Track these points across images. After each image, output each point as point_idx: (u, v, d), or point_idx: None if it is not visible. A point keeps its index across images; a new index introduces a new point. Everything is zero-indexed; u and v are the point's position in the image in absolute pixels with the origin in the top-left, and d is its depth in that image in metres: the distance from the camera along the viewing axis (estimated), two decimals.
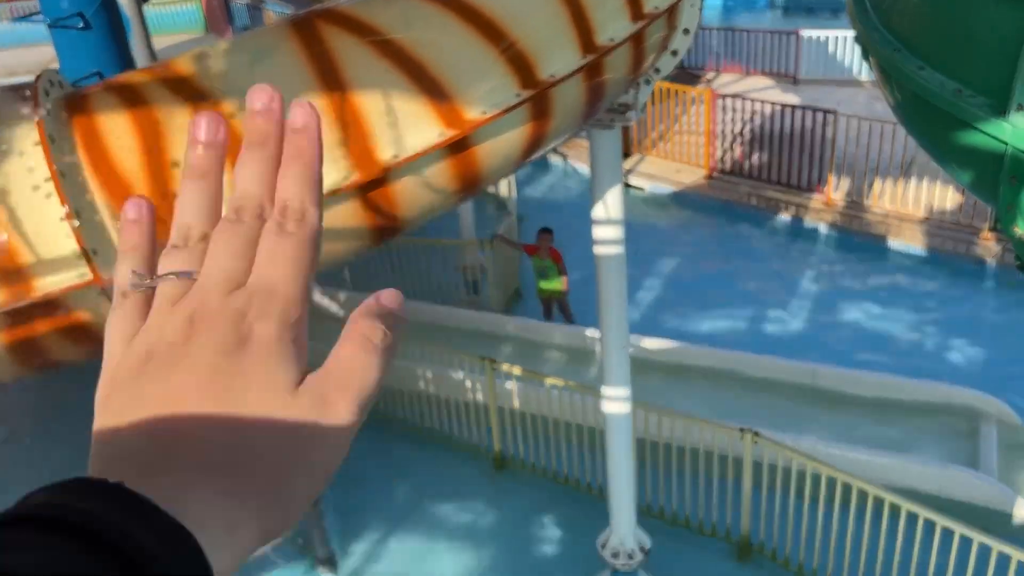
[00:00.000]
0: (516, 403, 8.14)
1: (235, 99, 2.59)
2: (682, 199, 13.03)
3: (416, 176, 3.04)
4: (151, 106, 2.53)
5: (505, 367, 7.79)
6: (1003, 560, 5.54)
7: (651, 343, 9.23)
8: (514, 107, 3.17)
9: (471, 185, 3.42)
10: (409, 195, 3.09)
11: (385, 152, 2.82)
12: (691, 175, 13.23)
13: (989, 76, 3.98)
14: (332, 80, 2.72)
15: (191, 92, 2.58)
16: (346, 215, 2.87)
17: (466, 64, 3.10)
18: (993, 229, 10.33)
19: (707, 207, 12.75)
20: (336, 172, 2.71)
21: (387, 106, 2.80)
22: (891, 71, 4.80)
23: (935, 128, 4.67)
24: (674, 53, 4.56)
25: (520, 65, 3.24)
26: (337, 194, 2.72)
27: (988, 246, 10.48)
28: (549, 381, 7.70)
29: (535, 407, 8.02)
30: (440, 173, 3.13)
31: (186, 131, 0.62)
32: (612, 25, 3.69)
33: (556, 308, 10.09)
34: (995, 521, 6.91)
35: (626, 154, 14.06)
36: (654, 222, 12.69)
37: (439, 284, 10.69)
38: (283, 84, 2.70)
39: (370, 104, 2.76)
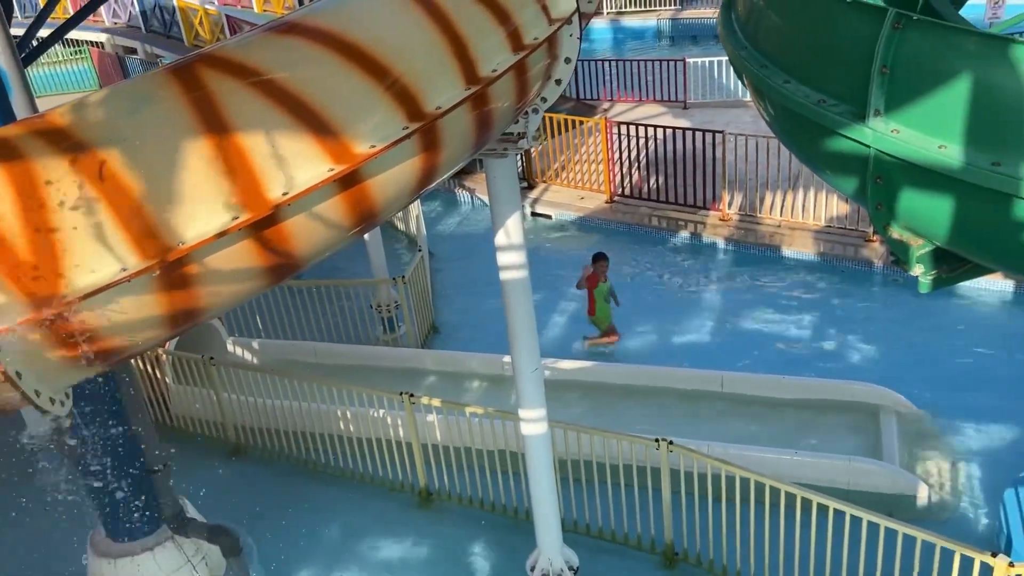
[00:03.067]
0: (438, 435, 8.16)
1: (114, 148, 2.61)
2: (587, 224, 13.35)
3: (309, 212, 3.08)
4: (26, 159, 2.52)
5: (424, 400, 7.80)
6: (909, 541, 5.82)
7: (566, 364, 9.40)
8: (402, 139, 3.25)
9: (367, 218, 3.48)
10: (303, 232, 3.13)
11: (274, 190, 2.86)
12: (594, 201, 13.59)
13: (847, 85, 4.31)
14: (215, 123, 2.75)
15: (69, 143, 2.58)
16: (239, 256, 2.89)
17: (351, 100, 3.18)
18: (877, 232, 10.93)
19: (611, 230, 13.10)
20: (224, 213, 2.74)
21: (273, 145, 2.85)
22: (762, 87, 5.12)
23: (805, 138, 5.00)
24: (558, 82, 4.74)
25: (405, 99, 3.34)
26: (227, 235, 2.75)
27: (875, 248, 11.08)
28: (469, 410, 7.75)
29: (457, 437, 8.05)
30: (334, 208, 3.19)
31: (65, 182, 0.67)
32: (494, 57, 3.84)
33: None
34: (901, 506, 7.28)
35: (531, 185, 14.36)
36: (563, 248, 12.97)
37: (354, 324, 10.65)
38: (164, 129, 2.74)
39: (255, 144, 2.81)
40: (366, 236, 10.15)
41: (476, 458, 7.98)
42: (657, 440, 6.74)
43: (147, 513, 5.94)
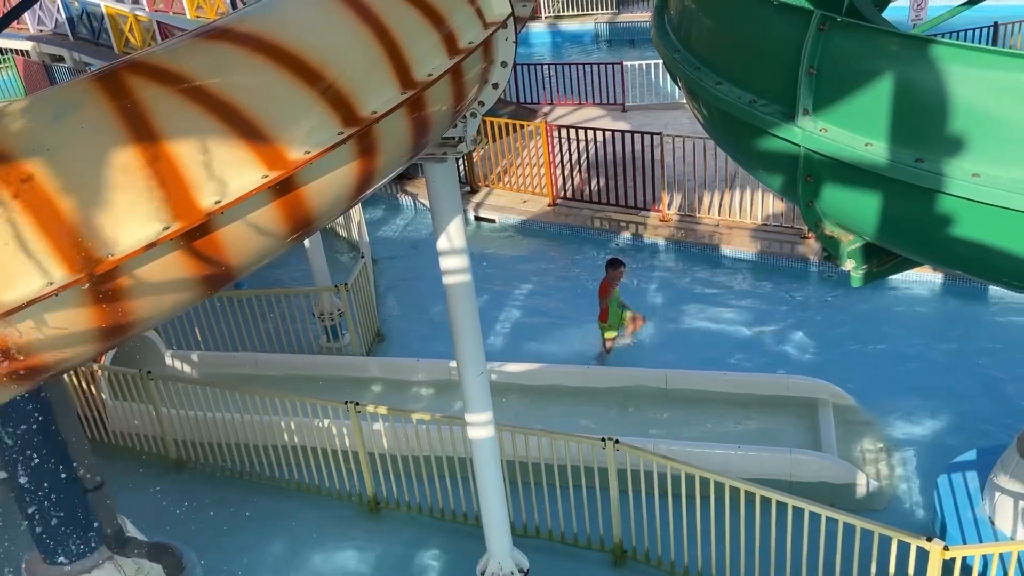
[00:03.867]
0: (385, 443, 8.09)
1: (38, 158, 2.53)
2: (530, 228, 13.41)
3: (243, 221, 3.03)
4: None
5: (370, 408, 7.73)
6: (849, 529, 5.97)
7: (513, 367, 9.42)
8: (338, 145, 3.22)
9: (304, 225, 3.44)
10: (238, 240, 3.07)
11: (207, 198, 2.81)
12: (537, 204, 13.65)
13: (777, 86, 4.41)
14: (143, 131, 2.69)
15: None
16: (171, 267, 2.83)
17: (284, 106, 3.13)
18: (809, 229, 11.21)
19: (554, 233, 13.18)
20: (155, 223, 2.68)
21: (204, 152, 2.80)
22: (696, 89, 5.21)
23: (739, 138, 5.11)
24: (495, 86, 4.75)
25: (340, 104, 3.31)
26: (158, 246, 2.69)
27: (811, 245, 11.35)
28: (415, 417, 7.70)
29: (404, 445, 8.00)
30: (269, 216, 3.14)
31: None
32: (429, 60, 3.83)
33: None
34: (841, 495, 7.46)
35: (474, 189, 14.36)
36: (507, 251, 13.00)
37: (297, 333, 10.51)
38: (90, 138, 2.66)
39: (185, 152, 2.75)
40: (307, 243, 10.02)
41: (424, 465, 7.93)
42: (603, 439, 6.80)
43: (84, 534, 5.77)
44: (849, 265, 4.71)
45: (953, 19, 6.66)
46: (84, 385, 9.15)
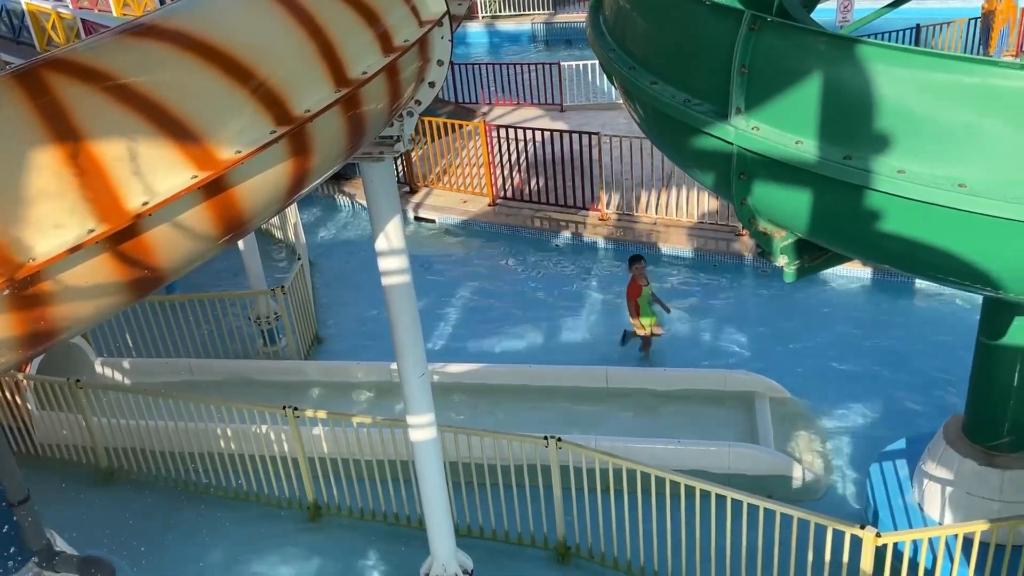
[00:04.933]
0: (325, 448, 7.97)
1: None
2: (471, 228, 13.38)
3: (173, 223, 2.95)
4: None
5: (309, 413, 7.61)
6: (786, 519, 6.09)
7: (455, 368, 9.39)
8: (270, 144, 3.16)
9: (236, 226, 3.36)
10: (167, 243, 2.99)
11: (133, 200, 2.72)
12: (477, 204, 13.63)
13: (710, 85, 4.48)
14: (64, 130, 2.59)
15: None
16: (97, 271, 2.73)
17: (214, 104, 3.06)
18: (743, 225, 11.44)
19: (495, 233, 13.17)
20: (78, 226, 2.58)
21: (130, 153, 2.71)
22: (631, 89, 5.26)
23: (673, 137, 5.17)
24: (432, 84, 4.72)
25: (272, 102, 3.25)
26: (82, 249, 2.59)
27: (745, 242, 11.57)
28: (356, 420, 7.61)
29: (344, 449, 7.89)
30: (199, 217, 3.06)
31: None
32: (364, 59, 3.79)
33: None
34: (778, 486, 7.63)
35: (413, 189, 14.27)
36: (447, 252, 12.95)
37: (232, 338, 10.29)
38: (7, 139, 2.55)
39: (110, 152, 2.66)
40: (241, 245, 9.82)
41: (366, 469, 7.84)
42: (546, 438, 6.82)
43: (11, 549, 5.55)
44: (782, 261, 4.81)
45: (878, 20, 6.86)
46: (8, 395, 8.80)
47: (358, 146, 4.14)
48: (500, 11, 24.65)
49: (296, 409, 7.54)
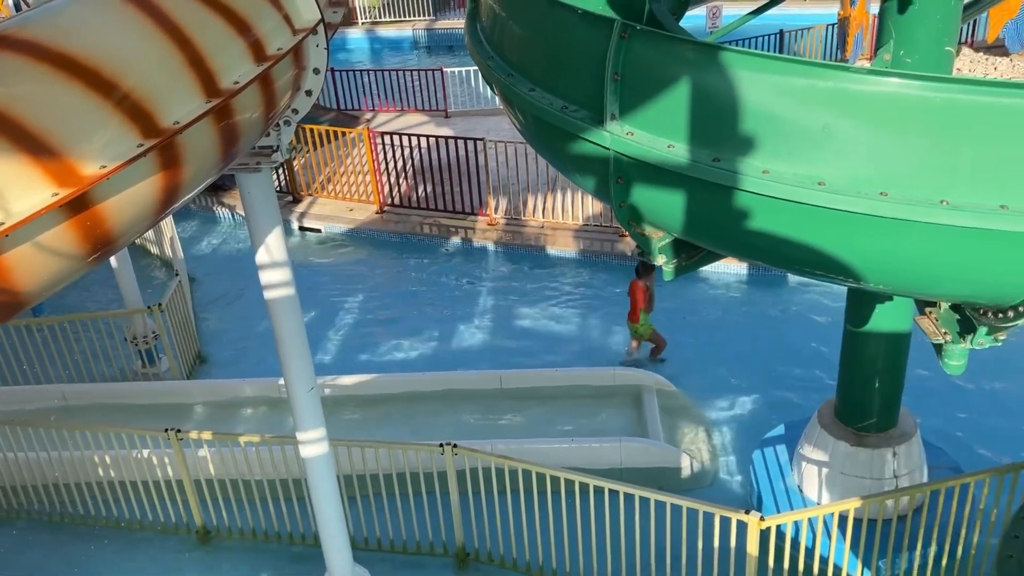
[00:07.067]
0: (211, 469, 7.70)
1: None
2: (359, 236, 13.22)
3: (33, 243, 2.79)
4: None
5: (193, 434, 7.33)
6: (676, 509, 6.29)
7: (347, 380, 9.25)
8: (137, 157, 3.04)
9: (104, 244, 3.21)
10: (28, 265, 2.83)
11: None
12: (364, 212, 13.48)
13: (586, 91, 4.57)
14: None
15: None
16: None
17: (74, 118, 2.92)
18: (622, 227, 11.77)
19: (384, 241, 13.06)
20: None
21: None
22: (510, 96, 5.32)
23: (553, 143, 5.26)
24: (308, 93, 4.65)
25: (138, 114, 3.13)
26: None
27: (628, 243, 11.89)
28: (243, 439, 7.38)
29: (232, 469, 7.65)
30: (62, 236, 2.91)
31: None
32: (236, 68, 3.69)
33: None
34: (668, 478, 7.86)
35: (297, 199, 13.97)
36: (334, 261, 12.75)
37: (108, 360, 9.80)
38: None
39: None
40: (114, 263, 9.38)
41: (256, 488, 7.62)
42: (441, 445, 6.80)
43: None
44: (661, 260, 4.96)
45: (744, 26, 7.17)
46: None
47: (232, 158, 4.03)
48: (380, 17, 24.47)
49: (179, 431, 7.25)
